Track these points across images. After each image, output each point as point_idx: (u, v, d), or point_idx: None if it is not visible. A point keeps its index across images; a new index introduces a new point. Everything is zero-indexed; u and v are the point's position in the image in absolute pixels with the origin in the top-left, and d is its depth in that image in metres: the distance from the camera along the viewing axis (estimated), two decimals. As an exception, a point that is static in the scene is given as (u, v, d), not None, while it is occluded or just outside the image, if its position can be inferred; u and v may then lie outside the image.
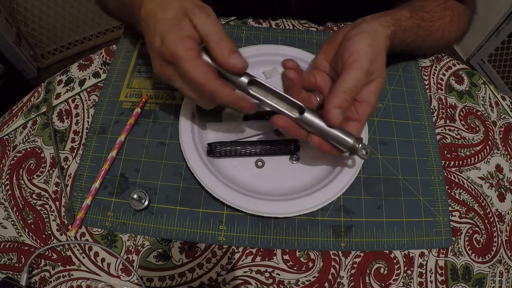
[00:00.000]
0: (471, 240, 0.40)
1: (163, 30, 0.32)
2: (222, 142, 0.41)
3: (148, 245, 0.38)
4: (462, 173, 0.44)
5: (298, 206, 0.38)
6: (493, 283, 0.39)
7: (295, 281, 0.37)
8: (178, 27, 0.32)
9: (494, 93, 0.51)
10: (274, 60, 0.47)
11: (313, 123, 0.34)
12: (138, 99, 0.45)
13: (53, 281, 0.36)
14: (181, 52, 0.31)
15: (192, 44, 0.31)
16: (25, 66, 1.29)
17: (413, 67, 0.50)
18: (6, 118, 0.46)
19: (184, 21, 0.32)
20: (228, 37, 0.32)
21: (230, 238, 0.38)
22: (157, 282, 0.36)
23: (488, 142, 0.46)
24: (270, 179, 0.41)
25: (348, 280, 0.37)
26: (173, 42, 0.31)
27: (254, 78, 0.34)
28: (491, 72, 1.43)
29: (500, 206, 0.43)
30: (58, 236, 0.38)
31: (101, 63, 0.49)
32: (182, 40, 0.31)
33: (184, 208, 0.39)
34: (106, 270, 0.37)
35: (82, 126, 0.44)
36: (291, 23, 0.53)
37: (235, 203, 0.37)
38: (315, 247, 0.38)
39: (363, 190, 0.41)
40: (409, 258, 0.38)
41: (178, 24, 0.32)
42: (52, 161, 0.42)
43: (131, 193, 0.39)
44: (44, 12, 1.24)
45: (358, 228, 0.39)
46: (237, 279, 0.36)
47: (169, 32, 0.32)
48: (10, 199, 0.40)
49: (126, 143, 0.42)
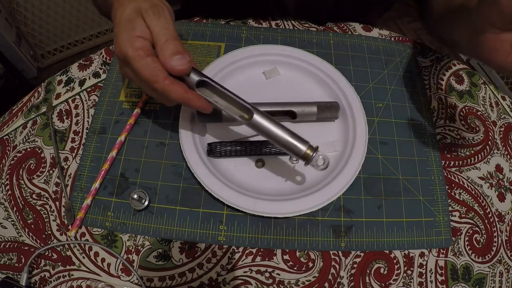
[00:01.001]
0: (471, 240, 0.40)
1: (118, 31, 0.33)
2: (222, 142, 0.41)
3: (148, 245, 0.38)
4: (462, 173, 0.44)
5: (298, 206, 0.38)
6: (493, 283, 0.39)
7: (295, 281, 0.37)
8: (130, 26, 0.32)
9: (494, 93, 0.51)
10: (274, 60, 0.47)
11: (263, 127, 0.33)
12: (138, 99, 0.45)
13: (53, 281, 0.36)
14: (130, 52, 0.31)
15: (142, 43, 0.32)
16: (25, 66, 1.29)
17: (413, 67, 0.50)
18: (6, 118, 0.46)
19: (136, 20, 0.32)
20: (176, 38, 0.32)
21: (230, 238, 0.38)
22: (157, 282, 0.36)
23: (488, 142, 0.46)
24: (270, 179, 0.41)
25: (348, 280, 0.37)
26: (123, 42, 0.32)
27: (203, 79, 0.33)
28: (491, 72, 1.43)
29: (500, 206, 0.43)
30: (58, 236, 0.38)
31: (101, 63, 0.49)
32: (131, 40, 0.32)
33: (184, 208, 0.39)
34: (106, 270, 0.37)
35: (82, 126, 0.44)
36: (291, 23, 0.53)
37: (235, 203, 0.37)
38: (315, 247, 0.38)
39: (363, 190, 0.41)
40: (409, 258, 0.38)
41: (131, 23, 0.32)
42: (52, 161, 0.42)
43: (131, 193, 0.39)
44: (44, 12, 1.24)
45: (358, 228, 0.39)
46: (237, 279, 0.36)
47: (121, 33, 0.32)
48: (10, 199, 0.40)
49: (126, 143, 0.42)
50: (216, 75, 0.45)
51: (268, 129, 0.33)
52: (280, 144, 0.34)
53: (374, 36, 0.53)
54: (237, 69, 0.46)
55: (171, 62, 0.31)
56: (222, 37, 0.50)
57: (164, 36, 0.32)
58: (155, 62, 0.32)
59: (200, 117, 0.41)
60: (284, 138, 0.33)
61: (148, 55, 0.32)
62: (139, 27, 0.32)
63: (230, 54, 0.47)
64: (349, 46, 0.51)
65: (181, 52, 0.32)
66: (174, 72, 0.32)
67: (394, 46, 0.52)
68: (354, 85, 0.46)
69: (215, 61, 0.46)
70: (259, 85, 0.46)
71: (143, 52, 0.32)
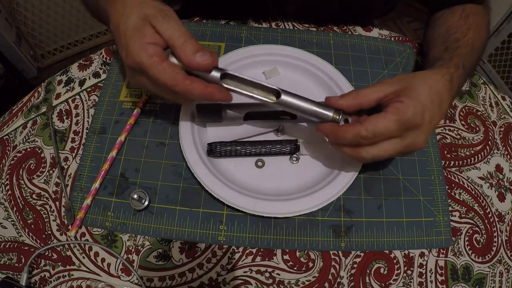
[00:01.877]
0: (471, 240, 0.40)
1: (126, 41, 0.33)
2: (222, 142, 0.41)
3: (148, 245, 0.38)
4: (462, 173, 0.44)
5: (298, 206, 0.38)
6: (493, 283, 0.39)
7: (295, 281, 0.37)
8: (140, 34, 0.32)
9: (494, 93, 0.51)
10: (274, 60, 0.47)
11: (291, 103, 0.35)
12: (138, 99, 0.45)
13: (53, 281, 0.36)
14: (145, 60, 0.31)
15: (154, 49, 0.32)
16: (25, 66, 1.29)
17: (413, 67, 0.50)
18: (6, 118, 0.46)
19: (145, 27, 0.32)
20: (191, 37, 0.33)
21: (230, 238, 0.38)
22: (157, 282, 0.36)
23: (488, 142, 0.46)
24: (270, 179, 0.41)
25: (348, 280, 0.37)
26: (136, 51, 0.32)
27: (225, 72, 0.34)
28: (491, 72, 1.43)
29: (500, 206, 0.43)
30: (58, 236, 0.38)
31: (101, 63, 0.49)
32: (144, 48, 0.32)
33: (184, 208, 0.39)
34: (106, 270, 0.37)
35: (82, 126, 0.44)
36: (291, 23, 0.53)
37: (235, 203, 0.37)
38: (315, 247, 0.38)
39: (363, 190, 0.41)
40: (409, 258, 0.38)
41: (139, 31, 0.32)
42: (52, 161, 0.42)
43: (131, 193, 0.39)
44: (44, 12, 1.24)
45: (358, 228, 0.39)
46: (237, 279, 0.36)
47: (131, 41, 0.32)
48: (10, 199, 0.40)
49: (126, 143, 0.42)
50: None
51: (295, 104, 0.35)
52: (308, 115, 0.36)
53: (374, 36, 0.53)
54: (237, 69, 0.46)
55: (196, 59, 0.32)
56: (222, 37, 0.50)
57: (180, 37, 0.32)
58: (172, 66, 0.32)
59: (200, 117, 0.41)
60: (312, 109, 0.35)
61: (163, 60, 0.32)
62: (149, 34, 0.32)
63: (230, 54, 0.47)
64: (349, 46, 0.51)
65: (201, 49, 0.32)
66: (201, 68, 0.32)
67: (394, 46, 0.52)
68: (354, 85, 0.46)
69: (215, 61, 0.46)
70: (259, 85, 0.46)
71: (158, 58, 0.32)
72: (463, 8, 0.45)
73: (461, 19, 0.44)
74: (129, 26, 0.33)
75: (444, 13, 0.47)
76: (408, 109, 0.32)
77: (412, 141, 0.34)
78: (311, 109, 0.35)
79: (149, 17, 0.33)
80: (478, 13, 0.46)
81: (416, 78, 0.35)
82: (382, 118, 0.32)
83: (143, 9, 0.33)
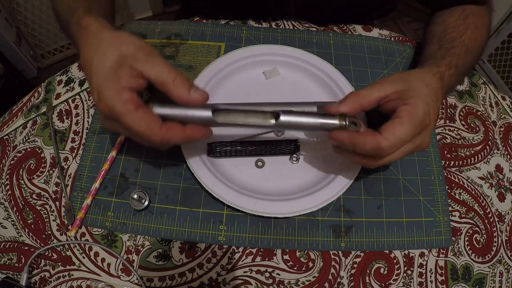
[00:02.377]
0: (471, 240, 0.40)
1: (99, 83, 0.30)
2: (222, 142, 0.41)
3: (148, 245, 0.38)
4: (462, 173, 0.44)
5: (298, 206, 0.38)
6: (493, 283, 0.39)
7: (295, 281, 0.37)
8: (115, 77, 0.30)
9: (494, 93, 0.51)
10: (274, 60, 0.47)
11: (291, 123, 0.33)
12: (138, 99, 0.45)
13: (53, 281, 0.36)
14: (118, 107, 0.29)
15: (129, 95, 0.30)
16: (25, 66, 1.29)
17: (413, 67, 0.50)
18: (6, 118, 0.46)
19: (121, 69, 0.30)
20: (179, 73, 0.31)
21: (230, 238, 0.38)
22: (157, 282, 0.36)
23: (488, 142, 0.46)
24: (270, 179, 0.41)
25: (348, 280, 0.37)
26: (109, 96, 0.29)
27: (216, 107, 0.33)
28: (491, 72, 1.43)
29: (500, 206, 0.43)
30: (58, 236, 0.38)
31: (101, 63, 0.49)
32: (118, 94, 0.29)
33: (184, 208, 0.39)
34: (106, 270, 0.37)
35: (82, 126, 0.44)
36: (291, 23, 0.53)
37: (235, 203, 0.37)
38: (315, 247, 0.38)
39: (363, 190, 0.41)
40: (409, 258, 0.38)
41: (115, 74, 0.30)
42: (52, 161, 0.42)
43: (131, 193, 0.39)
44: (44, 12, 1.24)
45: (358, 228, 0.39)
46: (237, 279, 0.36)
47: (105, 84, 0.30)
48: (10, 199, 0.40)
49: (126, 143, 0.42)
50: (216, 75, 0.45)
51: (297, 122, 0.33)
52: (313, 129, 0.34)
53: (374, 36, 0.53)
54: (237, 69, 0.46)
55: (191, 96, 0.30)
56: (222, 37, 0.50)
57: (169, 74, 0.30)
58: (147, 113, 0.30)
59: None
60: (316, 123, 0.33)
61: (137, 107, 0.30)
62: (124, 77, 0.30)
63: (230, 54, 0.47)
64: (349, 46, 0.51)
65: (192, 85, 0.31)
66: (197, 103, 0.31)
67: (394, 46, 0.52)
68: (354, 85, 0.46)
69: (215, 61, 0.46)
70: (259, 85, 0.46)
71: (133, 105, 0.29)
72: (463, 8, 0.46)
73: (460, 19, 0.45)
74: (103, 66, 0.30)
75: (444, 13, 0.47)
76: (419, 111, 0.32)
77: (421, 141, 0.33)
78: (315, 123, 0.33)
79: (126, 57, 0.30)
80: (478, 14, 0.46)
81: (413, 77, 0.35)
82: (399, 125, 0.31)
83: (121, 47, 0.30)
